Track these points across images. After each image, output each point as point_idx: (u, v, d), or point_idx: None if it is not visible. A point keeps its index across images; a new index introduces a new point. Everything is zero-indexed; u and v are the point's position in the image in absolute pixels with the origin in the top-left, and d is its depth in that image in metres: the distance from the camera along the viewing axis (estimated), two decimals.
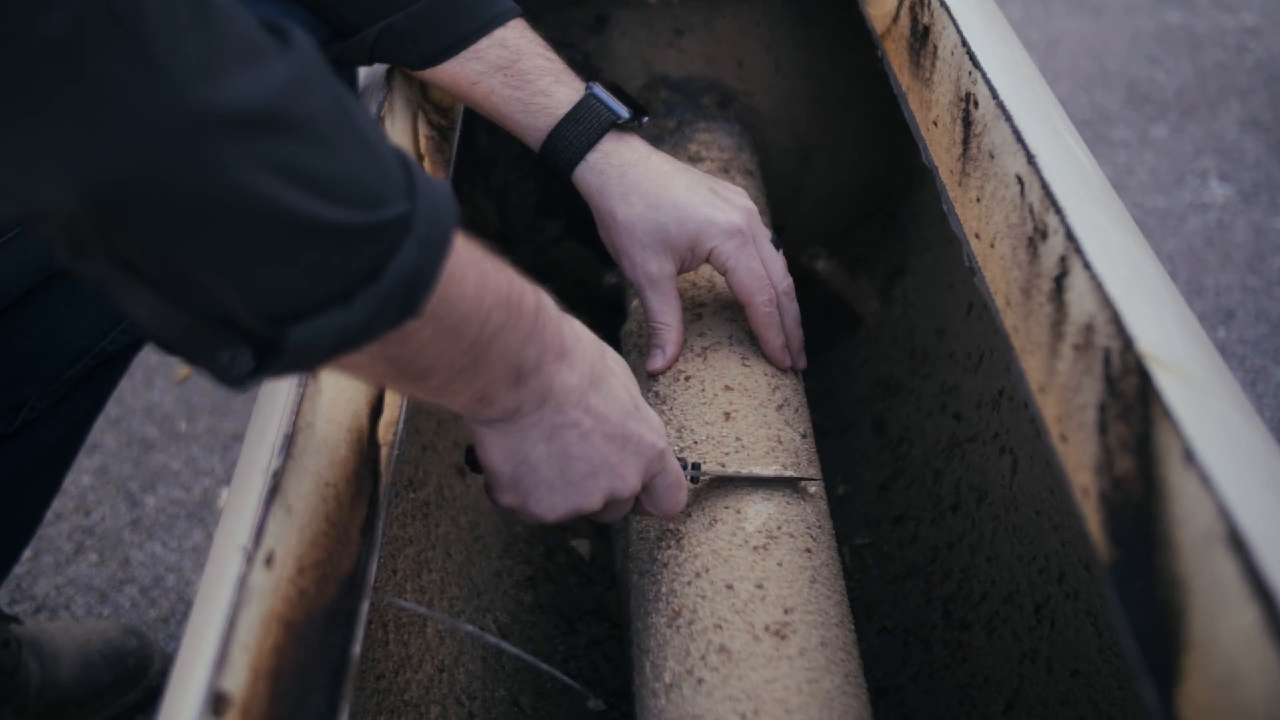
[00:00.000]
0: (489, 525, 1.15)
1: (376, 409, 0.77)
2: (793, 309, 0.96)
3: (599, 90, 0.94)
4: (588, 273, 1.46)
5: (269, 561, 0.61)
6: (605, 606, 1.14)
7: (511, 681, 1.02)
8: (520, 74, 0.95)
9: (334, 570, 0.66)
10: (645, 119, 0.95)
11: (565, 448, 0.71)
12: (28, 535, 1.16)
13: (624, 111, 0.94)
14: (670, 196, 0.91)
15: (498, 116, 0.97)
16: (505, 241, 1.47)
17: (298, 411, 0.68)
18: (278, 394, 0.72)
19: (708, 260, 0.92)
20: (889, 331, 1.37)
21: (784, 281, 0.95)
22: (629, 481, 0.73)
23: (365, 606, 0.65)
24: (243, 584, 0.59)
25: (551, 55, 0.97)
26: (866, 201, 1.47)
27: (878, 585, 1.10)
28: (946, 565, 1.09)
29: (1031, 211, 0.74)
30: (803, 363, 0.98)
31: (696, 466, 0.84)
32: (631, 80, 1.37)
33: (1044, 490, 0.96)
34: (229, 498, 0.72)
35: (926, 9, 0.99)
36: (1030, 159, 0.75)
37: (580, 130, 0.93)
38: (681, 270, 0.93)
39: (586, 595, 1.15)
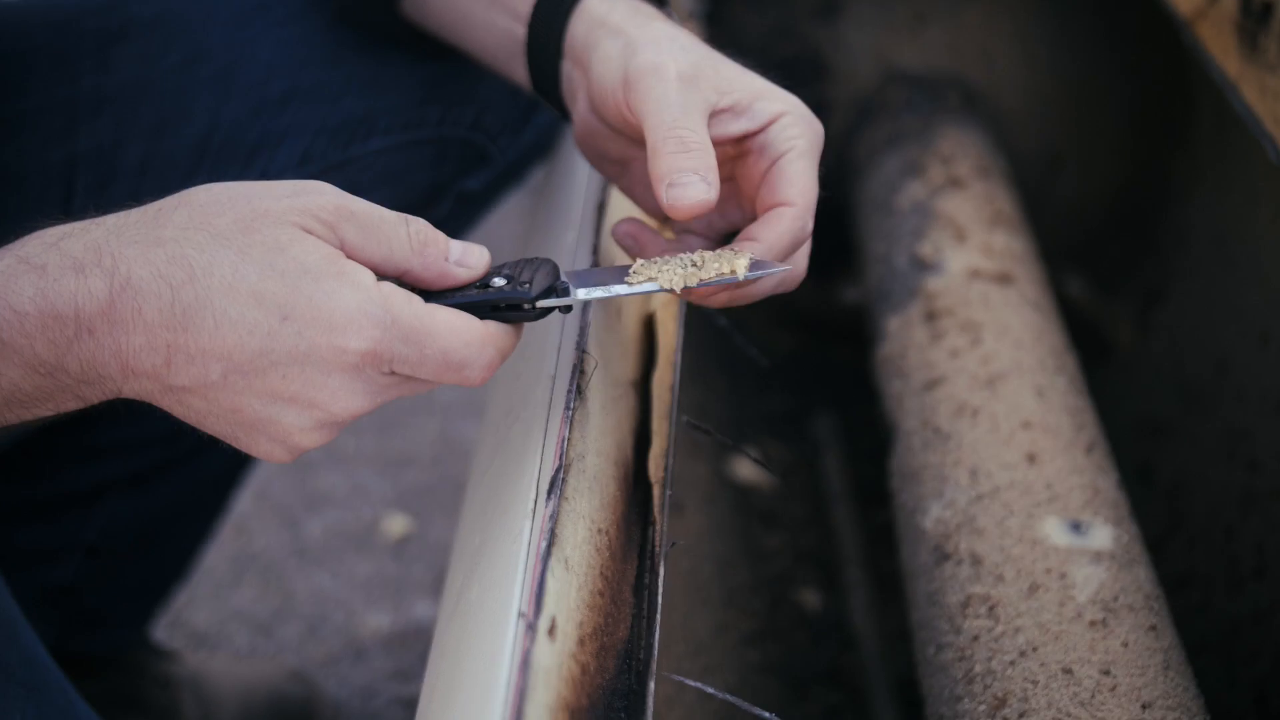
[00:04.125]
0: (710, 572, 1.01)
1: (642, 439, 0.64)
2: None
3: None
4: (798, 295, 1.32)
5: (551, 631, 0.48)
6: (842, 670, 0.99)
7: None
8: None
9: (610, 640, 0.53)
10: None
11: (203, 412, 0.52)
12: (194, 558, 1.07)
13: None
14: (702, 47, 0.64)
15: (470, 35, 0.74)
16: None
17: (568, 441, 0.55)
18: (537, 417, 0.59)
19: (757, 132, 0.62)
20: (1149, 364, 1.21)
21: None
22: (333, 406, 0.52)
23: (652, 688, 0.52)
24: (526, 663, 0.46)
25: None
26: (1114, 217, 1.31)
27: None
28: (1253, 642, 0.92)
29: None
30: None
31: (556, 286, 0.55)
32: (864, 76, 1.23)
33: None
34: (474, 547, 0.59)
35: None
36: None
37: None
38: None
39: (818, 655, 1.01)
